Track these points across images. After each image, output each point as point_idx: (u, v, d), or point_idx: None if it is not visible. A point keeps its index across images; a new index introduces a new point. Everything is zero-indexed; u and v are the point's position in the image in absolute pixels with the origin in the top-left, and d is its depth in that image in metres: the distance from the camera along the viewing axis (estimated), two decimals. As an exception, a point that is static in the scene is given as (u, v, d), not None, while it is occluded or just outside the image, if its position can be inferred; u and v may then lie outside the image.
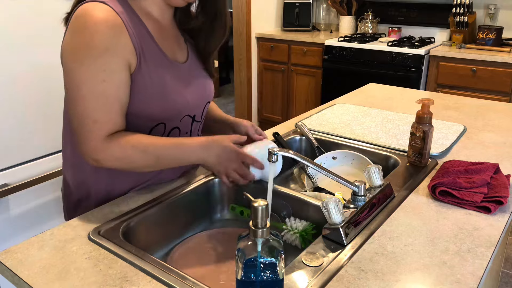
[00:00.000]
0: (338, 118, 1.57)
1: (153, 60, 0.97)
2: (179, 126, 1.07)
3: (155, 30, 1.00)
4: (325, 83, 3.55)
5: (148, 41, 0.97)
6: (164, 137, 0.99)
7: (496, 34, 3.03)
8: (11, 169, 1.59)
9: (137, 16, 0.96)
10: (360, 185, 0.93)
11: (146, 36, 0.97)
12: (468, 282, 0.76)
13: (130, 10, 0.95)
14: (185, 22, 1.09)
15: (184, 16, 1.09)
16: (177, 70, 1.03)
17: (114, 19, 0.89)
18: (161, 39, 1.01)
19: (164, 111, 1.00)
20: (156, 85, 0.97)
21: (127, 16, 0.93)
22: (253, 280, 0.66)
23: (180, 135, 1.08)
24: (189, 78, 1.07)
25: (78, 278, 0.77)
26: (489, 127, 1.50)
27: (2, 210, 1.57)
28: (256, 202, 0.65)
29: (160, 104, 0.99)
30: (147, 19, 0.99)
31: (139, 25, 0.96)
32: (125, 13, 0.93)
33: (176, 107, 1.02)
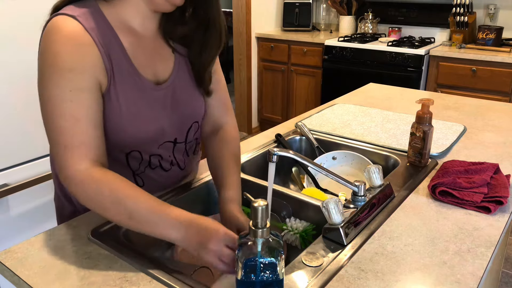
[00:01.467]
0: (338, 118, 1.57)
1: (124, 83, 0.89)
2: (159, 153, 0.99)
3: (131, 44, 0.90)
4: (325, 83, 3.55)
5: (121, 60, 0.88)
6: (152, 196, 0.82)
7: (496, 34, 3.03)
8: (11, 169, 1.59)
9: (111, 30, 0.88)
10: (360, 185, 0.93)
11: (119, 53, 0.88)
12: (468, 282, 0.76)
13: (104, 24, 0.87)
14: (170, 30, 0.97)
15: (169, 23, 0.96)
16: (153, 93, 0.93)
17: (82, 38, 0.82)
18: (138, 55, 0.91)
19: (136, 139, 0.93)
20: (125, 111, 0.89)
21: (99, 32, 0.85)
22: (253, 280, 0.66)
23: (163, 159, 1.01)
24: (170, 100, 0.96)
25: (78, 278, 0.77)
26: (489, 127, 1.50)
27: (2, 210, 1.57)
28: (256, 202, 0.65)
29: (130, 132, 0.91)
30: (122, 31, 0.89)
31: (112, 41, 0.87)
32: (97, 29, 0.85)
33: (149, 136, 0.94)
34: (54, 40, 0.82)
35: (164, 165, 1.03)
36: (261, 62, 3.99)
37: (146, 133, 0.93)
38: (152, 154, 0.98)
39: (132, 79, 0.90)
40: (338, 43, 3.40)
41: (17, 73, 1.54)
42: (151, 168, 1.01)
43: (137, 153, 0.96)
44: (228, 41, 5.31)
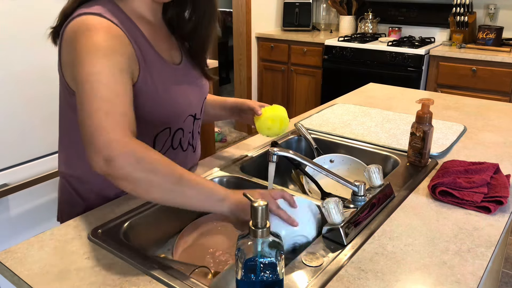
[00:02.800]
0: (338, 118, 1.57)
1: (153, 66, 0.97)
2: (183, 127, 1.07)
3: (149, 33, 0.99)
4: (325, 83, 3.55)
5: (145, 47, 0.96)
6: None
7: (496, 34, 3.03)
8: (11, 169, 1.59)
9: (132, 22, 0.95)
10: (360, 185, 0.93)
11: (143, 42, 0.96)
12: (468, 282, 0.76)
13: (125, 17, 0.94)
14: (179, 26, 1.07)
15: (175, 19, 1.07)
16: (176, 71, 1.03)
17: (115, 30, 0.88)
18: (156, 42, 1.00)
19: (170, 115, 1.00)
20: (159, 90, 0.97)
21: (124, 25, 0.92)
22: (253, 280, 0.66)
23: (184, 135, 1.09)
24: (187, 78, 1.07)
25: (78, 278, 0.77)
26: (489, 127, 1.50)
27: (2, 210, 1.57)
28: (256, 202, 0.65)
29: (165, 109, 0.98)
30: (140, 22, 0.97)
31: (136, 31, 0.95)
32: (121, 23, 0.91)
33: (180, 109, 1.02)
34: (91, 33, 0.85)
35: (183, 143, 1.10)
36: (261, 62, 3.99)
37: (178, 107, 1.01)
38: (177, 128, 1.05)
39: (158, 62, 0.98)
40: (338, 43, 3.40)
41: (18, 73, 1.54)
42: (173, 149, 1.08)
43: (168, 130, 1.02)
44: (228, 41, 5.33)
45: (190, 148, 1.14)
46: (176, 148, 1.08)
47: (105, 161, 0.76)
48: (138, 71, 0.93)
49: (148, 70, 0.95)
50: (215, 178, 1.15)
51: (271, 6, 4.06)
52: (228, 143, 3.98)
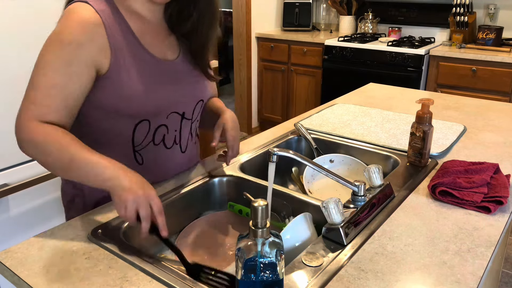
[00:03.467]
0: (338, 118, 1.57)
1: (133, 57, 0.97)
2: (166, 123, 1.05)
3: (139, 27, 1.00)
4: (325, 83, 3.55)
5: (129, 39, 0.98)
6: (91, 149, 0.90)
7: (496, 34, 3.03)
8: (11, 169, 1.59)
9: (119, 14, 0.98)
10: (360, 185, 0.93)
11: (127, 33, 0.98)
12: (468, 282, 0.76)
13: (113, 9, 0.97)
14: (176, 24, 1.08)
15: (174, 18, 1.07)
16: (162, 66, 1.02)
17: (91, 17, 0.92)
18: (146, 36, 1.01)
19: (145, 107, 0.99)
20: (135, 82, 0.97)
21: (108, 15, 0.95)
22: (253, 280, 0.66)
23: (168, 133, 1.07)
24: (178, 76, 1.05)
25: (78, 278, 0.77)
26: (489, 127, 1.50)
27: (2, 210, 1.57)
28: (256, 202, 0.65)
29: (140, 101, 0.98)
30: (132, 17, 0.99)
31: (121, 23, 0.97)
32: (107, 12, 0.95)
33: (158, 104, 1.01)
34: (64, 20, 0.92)
35: (167, 141, 1.08)
36: (261, 62, 3.99)
37: (156, 101, 1.00)
38: (159, 124, 1.04)
39: (141, 55, 0.99)
40: (338, 43, 3.40)
41: (18, 73, 1.54)
42: (154, 144, 1.06)
43: (146, 122, 1.02)
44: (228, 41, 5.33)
45: (177, 147, 1.11)
46: (158, 144, 1.06)
47: (18, 141, 0.92)
48: (109, 63, 0.95)
49: (124, 62, 0.96)
50: (215, 178, 1.15)
51: (271, 6, 4.06)
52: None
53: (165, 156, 1.09)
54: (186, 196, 1.08)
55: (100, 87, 0.95)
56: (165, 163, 1.10)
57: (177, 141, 1.10)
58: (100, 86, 0.95)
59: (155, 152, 1.07)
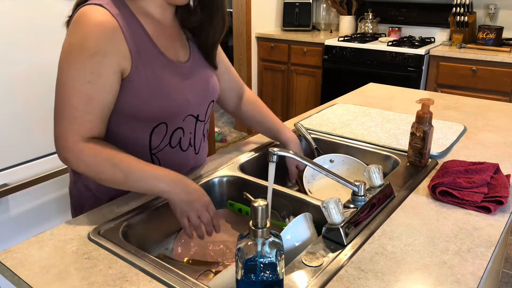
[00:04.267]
0: (338, 118, 1.57)
1: (151, 60, 0.97)
2: (182, 126, 1.06)
3: (154, 30, 1.00)
4: (325, 83, 3.55)
5: (145, 42, 0.97)
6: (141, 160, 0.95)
7: (496, 34, 3.03)
8: (11, 169, 1.59)
9: (134, 17, 0.96)
10: (360, 185, 0.93)
11: (143, 37, 0.97)
12: (468, 282, 0.76)
13: (128, 12, 0.96)
14: (186, 20, 1.08)
15: (185, 14, 1.08)
16: (178, 69, 1.03)
17: (109, 22, 0.90)
18: (160, 39, 1.01)
19: (165, 110, 1.00)
20: (154, 85, 0.97)
21: (124, 18, 0.94)
22: (253, 280, 0.66)
23: (184, 135, 1.08)
24: (191, 77, 1.06)
25: (78, 278, 0.77)
26: (489, 127, 1.50)
27: (2, 210, 1.57)
28: (256, 202, 0.65)
29: (159, 104, 0.98)
30: (145, 19, 0.99)
31: (136, 26, 0.96)
32: (122, 15, 0.93)
33: (176, 106, 1.02)
34: (82, 25, 0.89)
35: (183, 143, 1.09)
36: (261, 62, 3.99)
37: (173, 103, 1.01)
38: (176, 127, 1.05)
39: (158, 58, 0.99)
40: (338, 43, 3.40)
41: (18, 73, 1.54)
42: (171, 147, 1.07)
43: (164, 125, 1.03)
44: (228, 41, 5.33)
45: (191, 149, 1.13)
46: (175, 147, 1.07)
47: (63, 159, 0.93)
48: (130, 66, 0.94)
49: (143, 66, 0.96)
50: (215, 178, 1.15)
51: (271, 6, 4.06)
52: (228, 143, 3.98)
53: (181, 158, 1.10)
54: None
55: (121, 92, 0.96)
56: (180, 165, 1.11)
57: (191, 143, 1.11)
58: (121, 90, 0.96)
59: (172, 154, 1.08)
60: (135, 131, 1.00)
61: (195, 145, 1.13)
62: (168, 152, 1.07)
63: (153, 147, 1.04)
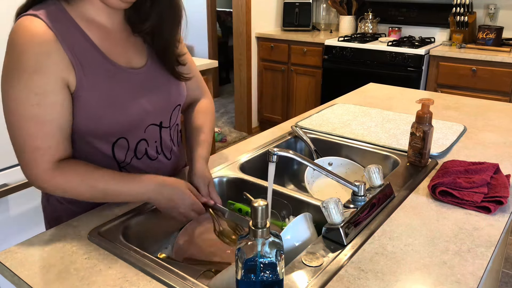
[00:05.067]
0: (338, 118, 1.57)
1: (98, 71, 0.90)
2: (145, 137, 1.00)
3: (99, 37, 0.92)
4: (325, 83, 3.55)
5: (89, 52, 0.89)
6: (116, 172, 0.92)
7: (496, 34, 3.03)
8: (11, 169, 1.59)
9: (75, 25, 0.89)
10: (360, 185, 0.93)
11: (87, 46, 0.89)
12: (468, 282, 0.76)
13: (68, 20, 0.88)
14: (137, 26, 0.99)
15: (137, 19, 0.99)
16: (131, 77, 0.95)
17: (44, 34, 0.83)
18: (108, 46, 0.93)
19: (121, 124, 0.94)
20: (105, 97, 0.90)
21: (62, 28, 0.86)
22: (253, 280, 0.66)
23: (149, 145, 1.02)
24: (148, 84, 0.98)
25: (78, 278, 0.77)
26: (489, 127, 1.50)
27: (2, 210, 1.58)
28: (256, 202, 0.65)
29: (114, 118, 0.92)
30: (89, 26, 0.91)
31: (78, 35, 0.88)
32: (60, 25, 0.86)
33: (133, 118, 0.95)
34: (18, 40, 0.83)
35: (150, 153, 1.03)
36: (261, 62, 3.99)
37: (129, 116, 0.95)
38: (139, 139, 1.00)
39: (105, 68, 0.92)
40: (338, 43, 3.40)
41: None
42: (138, 158, 1.01)
43: (124, 140, 0.97)
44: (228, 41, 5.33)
45: (161, 157, 1.06)
46: (141, 158, 1.02)
47: (40, 188, 0.90)
48: (75, 79, 0.87)
49: (88, 77, 0.89)
50: (215, 178, 1.15)
51: (271, 6, 4.06)
52: (228, 143, 3.98)
53: (152, 168, 1.04)
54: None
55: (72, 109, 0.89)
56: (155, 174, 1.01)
57: (159, 151, 1.05)
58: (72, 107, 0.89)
59: (141, 166, 1.02)
60: (96, 148, 0.95)
61: (164, 152, 1.07)
62: (136, 165, 1.01)
63: (120, 161, 0.99)
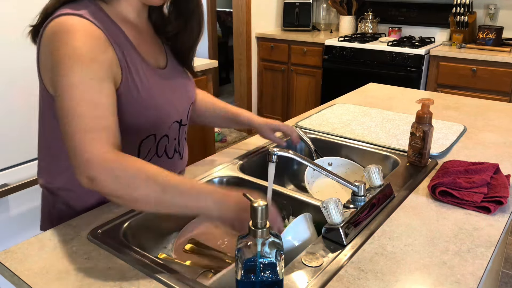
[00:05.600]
0: (338, 118, 1.57)
1: (137, 70, 0.93)
2: (168, 133, 1.03)
3: (134, 36, 0.95)
4: (325, 83, 3.55)
5: (130, 51, 0.92)
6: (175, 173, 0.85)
7: (496, 34, 3.03)
8: (11, 169, 1.59)
9: (115, 24, 0.91)
10: (360, 185, 0.93)
11: (127, 45, 0.92)
12: (468, 282, 0.76)
13: (107, 19, 0.90)
14: (161, 29, 1.04)
15: (160, 20, 1.04)
16: (160, 76, 0.99)
17: (95, 31, 0.84)
18: (141, 46, 0.96)
19: (155, 121, 0.97)
20: (143, 95, 0.93)
21: (106, 28, 0.88)
22: (253, 280, 0.66)
23: (169, 142, 1.05)
24: (173, 83, 1.03)
25: (78, 278, 0.77)
26: (489, 127, 1.50)
27: (2, 210, 1.58)
28: (256, 202, 0.65)
29: (151, 115, 0.95)
30: (124, 25, 0.94)
31: (119, 34, 0.91)
32: (104, 25, 0.88)
33: (166, 115, 0.99)
34: (71, 36, 0.82)
35: (169, 150, 1.06)
36: (261, 62, 3.99)
37: (164, 113, 0.98)
38: (162, 136, 1.02)
39: (143, 67, 0.95)
40: (338, 43, 3.40)
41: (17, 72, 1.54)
42: (158, 156, 1.04)
43: (152, 137, 1.00)
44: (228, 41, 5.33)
45: (177, 156, 1.10)
46: (161, 156, 1.04)
47: (88, 180, 0.77)
48: (121, 76, 0.89)
49: (131, 75, 0.91)
50: (215, 178, 1.15)
51: (271, 6, 4.06)
52: (228, 143, 3.98)
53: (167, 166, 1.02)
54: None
55: None
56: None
57: (176, 149, 1.09)
58: None
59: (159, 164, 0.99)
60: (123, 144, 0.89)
61: (180, 150, 1.11)
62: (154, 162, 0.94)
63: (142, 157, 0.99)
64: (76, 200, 1.01)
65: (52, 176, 1.04)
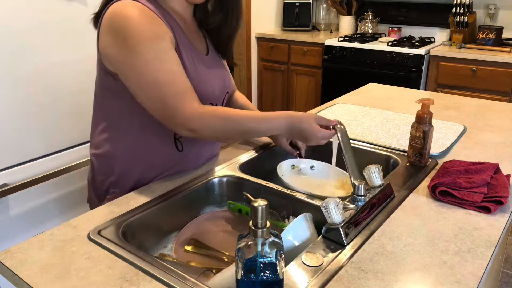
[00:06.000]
0: (338, 118, 1.57)
1: (186, 50, 1.05)
2: None
3: (183, 25, 1.08)
4: (325, 83, 3.55)
5: (179, 33, 1.04)
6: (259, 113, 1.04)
7: (496, 34, 3.03)
8: (11, 169, 1.59)
9: (167, 11, 1.04)
10: (360, 185, 0.93)
11: (178, 29, 1.04)
12: (468, 282, 0.76)
13: (160, 7, 1.03)
14: (204, 21, 1.16)
15: (203, 15, 1.16)
16: (204, 60, 1.11)
17: (151, 13, 0.96)
18: (188, 33, 1.09)
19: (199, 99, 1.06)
20: (191, 73, 1.04)
21: (161, 12, 1.01)
22: (253, 280, 0.66)
23: None
24: (213, 70, 1.14)
25: (78, 278, 0.77)
26: (489, 127, 1.50)
27: (2, 210, 1.58)
28: (256, 202, 0.65)
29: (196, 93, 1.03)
30: (174, 13, 1.06)
31: (171, 20, 1.03)
32: (158, 10, 1.00)
33: (205, 95, 1.08)
34: (131, 18, 0.93)
35: None
36: (261, 62, 3.99)
37: (204, 90, 1.08)
38: None
39: (191, 50, 1.08)
40: (338, 43, 3.40)
41: (18, 73, 1.54)
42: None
43: None
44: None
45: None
46: None
47: (189, 131, 0.98)
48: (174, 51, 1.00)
49: (180, 52, 1.03)
50: (215, 178, 1.15)
51: (271, 6, 4.06)
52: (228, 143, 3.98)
53: (200, 144, 1.18)
54: (186, 196, 1.08)
55: None
56: (200, 150, 1.18)
57: None
58: None
59: (193, 140, 1.14)
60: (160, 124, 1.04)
61: None
62: (190, 138, 1.12)
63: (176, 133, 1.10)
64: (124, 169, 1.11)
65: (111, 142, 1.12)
